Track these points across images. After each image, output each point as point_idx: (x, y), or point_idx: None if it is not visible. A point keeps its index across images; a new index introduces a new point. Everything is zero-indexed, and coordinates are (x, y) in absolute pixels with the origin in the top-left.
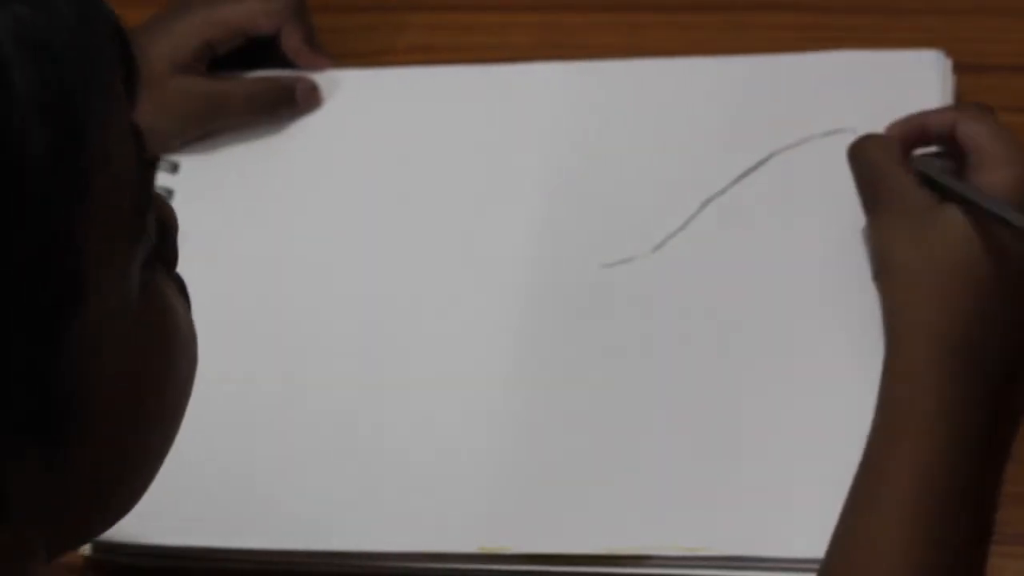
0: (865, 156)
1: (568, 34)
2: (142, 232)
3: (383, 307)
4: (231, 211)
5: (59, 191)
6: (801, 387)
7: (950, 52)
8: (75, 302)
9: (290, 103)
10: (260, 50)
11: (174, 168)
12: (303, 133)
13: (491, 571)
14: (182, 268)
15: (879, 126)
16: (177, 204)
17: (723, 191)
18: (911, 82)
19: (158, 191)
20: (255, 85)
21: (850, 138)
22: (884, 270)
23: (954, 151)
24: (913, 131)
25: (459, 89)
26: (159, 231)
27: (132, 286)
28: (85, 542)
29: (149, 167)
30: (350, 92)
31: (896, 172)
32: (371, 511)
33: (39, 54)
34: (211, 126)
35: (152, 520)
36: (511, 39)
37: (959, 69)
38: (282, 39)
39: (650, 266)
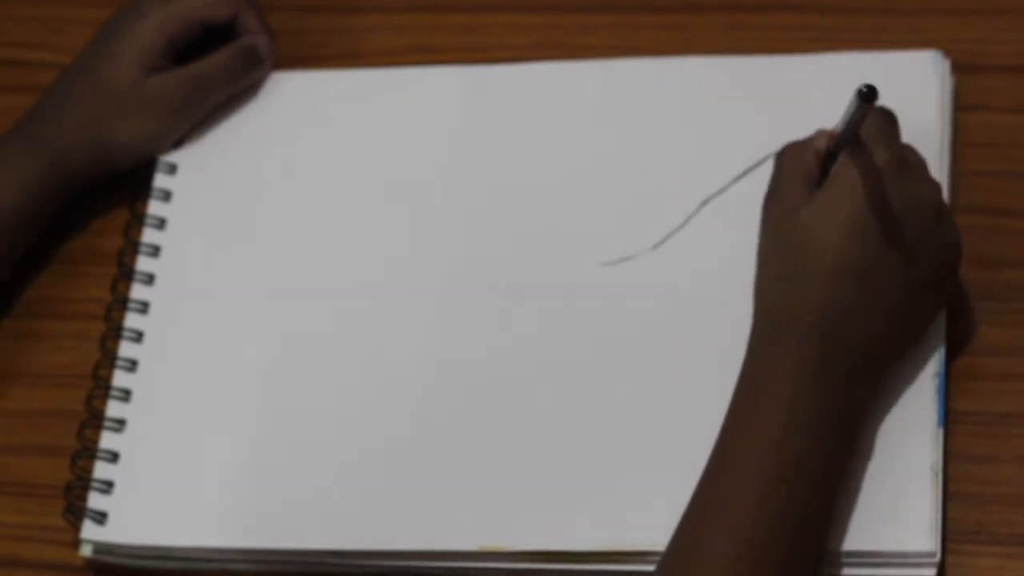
0: (779, 162)
1: (568, 34)
2: None
3: (380, 305)
4: (229, 211)
5: None
6: None
7: (949, 52)
8: None
9: (260, 63)
10: (212, 38)
11: (172, 169)
12: (302, 134)
13: (491, 569)
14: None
15: None
16: (176, 204)
17: (722, 190)
18: (909, 82)
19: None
20: (222, 57)
21: None
22: (757, 268)
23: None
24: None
25: (459, 89)
26: None
27: None
28: None
29: None
30: (351, 92)
31: (793, 180)
32: (371, 510)
33: None
34: (199, 110)
35: (152, 521)
36: (511, 39)
37: (958, 69)
38: (241, 22)
39: (650, 265)
